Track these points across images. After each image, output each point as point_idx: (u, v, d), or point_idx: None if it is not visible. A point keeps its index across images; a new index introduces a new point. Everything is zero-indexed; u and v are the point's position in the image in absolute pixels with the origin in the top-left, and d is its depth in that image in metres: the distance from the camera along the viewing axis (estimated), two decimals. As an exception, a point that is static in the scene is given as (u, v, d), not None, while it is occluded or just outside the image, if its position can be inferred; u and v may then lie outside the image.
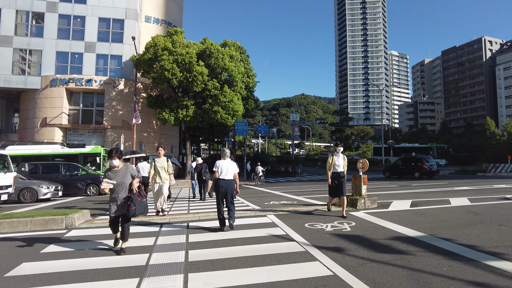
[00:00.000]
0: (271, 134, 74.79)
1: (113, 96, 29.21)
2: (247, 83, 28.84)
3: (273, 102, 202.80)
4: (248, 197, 13.82)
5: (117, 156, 5.08)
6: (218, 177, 6.60)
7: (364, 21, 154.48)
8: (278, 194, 14.32)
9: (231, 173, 6.66)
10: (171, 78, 24.14)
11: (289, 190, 16.96)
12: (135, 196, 4.90)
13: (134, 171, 5.17)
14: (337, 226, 6.63)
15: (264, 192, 16.29)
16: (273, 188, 19.27)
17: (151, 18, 33.57)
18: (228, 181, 6.61)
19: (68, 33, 29.84)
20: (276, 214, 8.02)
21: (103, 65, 30.11)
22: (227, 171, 6.63)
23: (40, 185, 15.02)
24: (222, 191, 6.57)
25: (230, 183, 6.62)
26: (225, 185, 6.58)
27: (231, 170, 6.67)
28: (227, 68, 25.37)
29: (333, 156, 8.03)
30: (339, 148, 8.18)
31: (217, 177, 6.62)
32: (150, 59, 25.25)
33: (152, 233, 6.45)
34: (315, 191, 15.90)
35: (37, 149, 21.11)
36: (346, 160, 8.10)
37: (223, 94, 25.03)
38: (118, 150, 5.15)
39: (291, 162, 33.99)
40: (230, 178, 6.65)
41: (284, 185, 22.46)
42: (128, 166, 5.18)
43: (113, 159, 5.04)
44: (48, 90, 28.62)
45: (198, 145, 71.93)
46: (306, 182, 25.32)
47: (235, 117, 26.27)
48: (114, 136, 28.74)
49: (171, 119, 25.89)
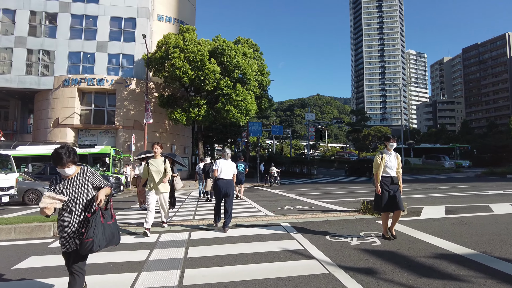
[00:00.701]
0: (286, 135, 73.64)
1: (124, 96, 28.80)
2: (261, 81, 27.90)
3: (288, 103, 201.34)
4: (261, 200, 12.87)
5: (71, 161, 2.99)
6: (218, 176, 6.64)
7: (381, 20, 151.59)
8: (293, 198, 13.31)
9: (231, 173, 6.71)
10: (183, 77, 23.46)
11: (305, 193, 15.91)
12: (97, 218, 2.94)
13: (98, 178, 3.17)
14: (365, 239, 5.60)
15: (278, 195, 15.29)
16: (287, 190, 18.25)
17: (163, 16, 33.10)
18: (227, 180, 6.64)
19: (81, 33, 29.64)
20: (292, 223, 7.02)
21: (115, 65, 29.76)
22: (227, 171, 6.66)
23: (45, 187, 14.46)
24: (222, 191, 6.59)
25: (229, 183, 6.65)
26: (224, 185, 6.60)
27: (231, 170, 6.73)
28: (240, 66, 24.52)
29: (382, 155, 5.73)
30: (391, 143, 5.74)
31: (216, 176, 6.66)
32: (162, 58, 24.65)
33: (147, 244, 5.58)
34: (333, 194, 14.80)
35: (47, 149, 20.71)
36: (400, 159, 5.82)
37: (235, 92, 24.19)
38: (71, 151, 3.02)
39: (307, 163, 32.82)
40: (230, 178, 6.69)
41: (299, 187, 21.40)
42: (88, 171, 3.14)
43: (65, 167, 2.97)
44: (60, 90, 28.44)
45: (211, 146, 71.51)
46: (322, 184, 24.18)
47: (248, 117, 25.37)
48: (125, 136, 28.30)
49: (183, 118, 25.22)
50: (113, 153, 20.94)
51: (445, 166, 36.61)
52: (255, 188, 21.15)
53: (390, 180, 5.64)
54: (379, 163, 5.72)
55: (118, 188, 17.93)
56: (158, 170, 6.41)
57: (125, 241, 5.87)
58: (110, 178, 17.50)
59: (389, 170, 5.66)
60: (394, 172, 5.70)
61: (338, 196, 13.73)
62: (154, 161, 6.54)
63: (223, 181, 6.62)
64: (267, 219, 7.50)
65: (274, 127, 53.79)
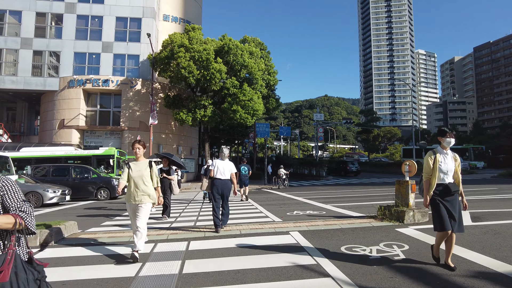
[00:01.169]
0: (294, 136, 72.79)
1: (130, 97, 28.44)
2: (268, 81, 27.26)
3: (295, 104, 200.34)
4: (268, 204, 12.21)
5: None
6: (214, 176, 6.58)
7: (389, 20, 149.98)
8: (303, 201, 12.62)
9: (228, 173, 6.63)
10: (188, 76, 22.95)
11: (315, 196, 15.21)
12: None
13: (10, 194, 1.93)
14: (386, 251, 4.91)
15: (286, 198, 14.62)
16: (296, 193, 17.56)
17: (169, 16, 32.73)
18: (224, 181, 6.59)
19: (86, 34, 29.40)
20: (302, 231, 6.35)
21: (120, 65, 29.44)
22: (224, 170, 6.60)
23: (45, 189, 14.02)
24: (218, 190, 6.55)
25: (226, 183, 6.61)
26: (221, 185, 6.56)
27: (228, 170, 6.65)
28: (247, 65, 23.93)
29: (435, 155, 4.21)
30: (447, 139, 4.21)
31: (213, 176, 6.60)
32: (167, 57, 24.20)
33: (140, 256, 4.98)
34: (345, 197, 14.07)
35: (51, 151, 20.41)
36: (458, 161, 4.33)
37: (242, 92, 23.60)
38: None
39: (315, 165, 32.04)
40: (227, 178, 6.61)
41: (308, 189, 20.69)
42: None
43: None
44: (65, 91, 28.21)
45: (219, 147, 71.14)
46: (332, 186, 23.41)
47: (255, 117, 24.74)
48: (131, 137, 27.89)
49: (189, 119, 24.71)
50: (118, 155, 20.51)
51: (458, 168, 35.48)
52: (262, 191, 20.51)
53: (445, 189, 4.14)
54: (431, 166, 4.18)
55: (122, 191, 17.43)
56: (141, 175, 5.05)
57: (116, 251, 5.28)
58: (114, 180, 17.03)
59: (444, 176, 4.17)
60: (451, 178, 4.22)
61: (350, 199, 13.01)
62: (136, 164, 5.17)
63: (219, 181, 6.57)
64: (275, 226, 6.84)
65: (282, 128, 53.06)
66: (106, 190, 16.86)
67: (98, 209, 12.51)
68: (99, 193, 16.86)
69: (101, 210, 12.09)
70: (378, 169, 44.75)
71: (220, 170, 6.62)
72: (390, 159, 58.91)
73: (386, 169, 43.62)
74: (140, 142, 5.16)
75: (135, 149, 5.08)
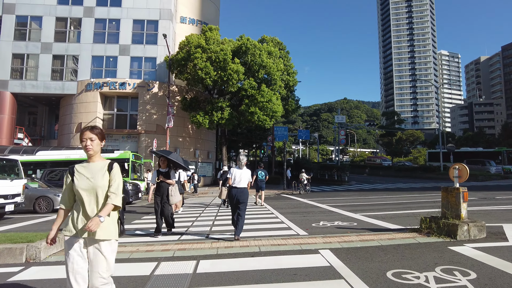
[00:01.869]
0: (312, 139, 71.33)
1: (147, 100, 28.06)
2: (287, 81, 26.25)
3: (314, 107, 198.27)
4: (289, 212, 11.17)
5: None
6: (232, 184, 6.62)
7: (410, 20, 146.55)
8: (328, 210, 11.51)
9: (245, 182, 6.65)
10: (205, 78, 22.26)
11: (340, 203, 14.06)
12: None
13: None
14: (446, 279, 3.81)
15: (308, 205, 13.54)
16: (319, 199, 16.43)
17: (186, 18, 32.35)
18: (240, 189, 6.60)
19: (103, 37, 29.34)
20: (334, 249, 5.28)
21: (137, 68, 29.17)
22: (240, 179, 6.63)
23: (56, 194, 13.51)
24: (235, 198, 6.57)
25: (243, 191, 6.61)
26: (237, 193, 6.57)
27: (245, 179, 6.68)
28: (265, 65, 23.03)
29: None
30: None
31: (230, 185, 6.64)
32: (183, 59, 23.62)
33: (138, 279, 4.07)
34: (373, 205, 12.86)
35: (66, 154, 20.09)
36: None
37: (260, 93, 22.70)
38: None
39: (337, 169, 30.69)
40: (243, 186, 6.63)
41: (331, 195, 19.49)
42: None
43: None
44: (83, 95, 28.13)
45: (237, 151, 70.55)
46: (356, 192, 22.10)
47: (274, 119, 23.76)
48: (148, 141, 27.47)
49: (206, 122, 24.00)
50: (133, 158, 19.97)
51: (491, 172, 33.28)
52: (281, 196, 19.45)
53: None
54: None
55: (135, 196, 16.80)
56: (94, 187, 2.67)
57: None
58: (127, 184, 16.41)
59: None
60: None
61: (381, 207, 11.79)
62: (87, 167, 2.76)
63: (236, 189, 6.59)
64: (300, 242, 5.80)
65: (300, 131, 51.96)
66: (119, 195, 16.24)
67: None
68: (112, 198, 16.27)
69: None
70: (403, 174, 42.78)
71: (237, 179, 6.65)
72: (414, 163, 56.59)
73: (411, 174, 41.64)
74: (94, 130, 2.80)
75: (84, 141, 2.74)
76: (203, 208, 13.14)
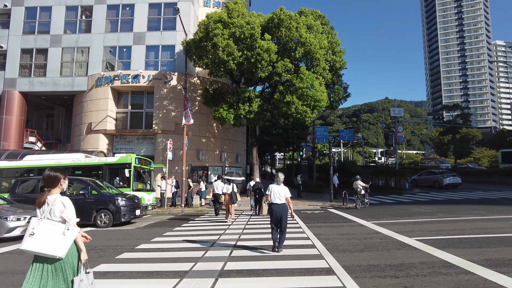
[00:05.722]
0: (357, 140, 64.63)
1: (164, 94, 23.92)
2: (332, 62, 20.80)
3: (353, 108, 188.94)
4: (346, 252, 5.97)
5: None
6: (271, 201, 6.97)
7: (459, 10, 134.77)
8: (416, 248, 6.19)
9: (283, 198, 6.96)
10: (227, 60, 17.50)
11: (425, 228, 8.69)
12: None
13: None
14: None
15: (374, 233, 8.27)
16: (388, 222, 10.99)
17: (210, 1, 28.07)
18: (281, 205, 6.92)
19: (116, 25, 25.73)
20: None
21: (154, 58, 25.18)
22: (279, 195, 6.93)
23: (4, 216, 9.27)
24: (276, 215, 6.85)
25: (283, 207, 6.91)
26: (278, 210, 6.87)
27: (283, 195, 6.96)
28: (304, 42, 17.84)
29: None
30: None
31: (269, 201, 7.01)
32: (201, 39, 19.10)
33: None
34: (477, 231, 7.28)
35: (56, 159, 16.18)
36: None
37: (299, 78, 17.54)
38: None
39: (395, 174, 24.63)
40: (283, 202, 6.95)
41: (397, 210, 13.88)
42: None
43: None
44: (93, 91, 24.56)
45: (272, 154, 65.37)
46: (429, 204, 16.24)
47: (317, 110, 18.41)
48: (165, 142, 23.22)
49: (230, 117, 19.25)
50: (136, 163, 15.62)
51: None
52: (330, 213, 14.10)
53: None
54: None
55: (131, 213, 12.31)
56: None
57: None
58: (119, 199, 11.97)
59: None
60: None
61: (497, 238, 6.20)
62: None
63: (276, 206, 6.90)
64: None
65: (342, 131, 45.90)
66: (108, 213, 11.82)
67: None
68: (98, 217, 11.88)
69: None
70: (472, 179, 35.48)
71: (276, 195, 6.93)
72: (479, 166, 48.34)
73: (484, 179, 34.29)
74: None
75: None
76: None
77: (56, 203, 3.00)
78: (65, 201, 3.03)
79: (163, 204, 18.83)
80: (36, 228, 2.94)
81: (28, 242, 2.90)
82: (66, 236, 2.94)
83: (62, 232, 2.93)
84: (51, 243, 2.88)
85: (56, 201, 3.00)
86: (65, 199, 3.05)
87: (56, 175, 3.10)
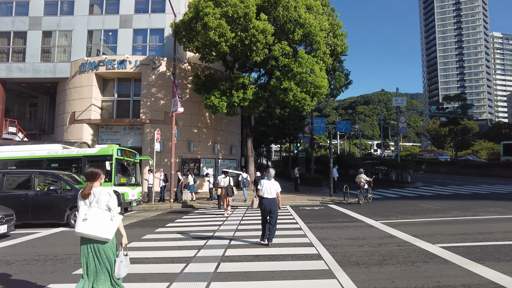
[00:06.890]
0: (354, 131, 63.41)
1: (152, 81, 22.33)
2: (334, 46, 19.31)
3: (349, 100, 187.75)
4: (361, 265, 4.70)
5: None
6: (262, 195, 7.17)
7: (457, 0, 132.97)
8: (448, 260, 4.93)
9: (274, 192, 7.17)
10: (219, 42, 15.95)
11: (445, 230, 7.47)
12: None
13: None
14: None
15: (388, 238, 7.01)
16: (395, 219, 9.73)
17: (202, -17, 26.28)
18: (271, 199, 7.12)
19: (101, 6, 23.94)
20: None
21: (142, 43, 23.49)
22: (270, 190, 7.14)
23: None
24: (266, 208, 7.08)
25: (273, 202, 7.12)
26: (268, 203, 7.09)
27: (274, 190, 7.17)
28: (303, 23, 16.32)
29: None
30: None
31: (260, 196, 7.21)
32: (191, 20, 17.51)
33: None
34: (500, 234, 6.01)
35: (30, 150, 14.64)
36: None
37: (297, 62, 16.07)
38: None
39: (397, 167, 23.39)
40: (273, 197, 7.15)
41: (404, 206, 12.63)
42: None
43: None
44: (77, 78, 22.89)
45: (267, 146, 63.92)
46: (437, 200, 15.03)
47: (317, 97, 17.00)
48: (153, 133, 21.65)
49: (223, 105, 17.77)
50: (119, 155, 14.14)
51: None
52: (331, 209, 12.79)
53: None
54: None
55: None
56: None
57: None
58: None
59: None
60: None
61: None
62: None
63: (267, 200, 7.11)
64: None
65: (340, 123, 44.48)
66: (81, 211, 10.37)
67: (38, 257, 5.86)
68: (72, 216, 10.45)
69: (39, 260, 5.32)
70: (474, 171, 34.53)
71: (267, 190, 7.14)
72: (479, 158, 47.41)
73: (485, 172, 33.30)
74: None
75: None
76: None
77: (102, 193, 3.41)
78: (111, 192, 3.47)
79: (151, 199, 17.44)
80: (88, 214, 3.32)
81: (82, 226, 3.29)
82: (114, 221, 3.37)
83: (110, 218, 3.34)
84: (102, 227, 3.29)
85: (102, 192, 3.42)
86: (110, 190, 3.48)
87: (97, 171, 3.51)
